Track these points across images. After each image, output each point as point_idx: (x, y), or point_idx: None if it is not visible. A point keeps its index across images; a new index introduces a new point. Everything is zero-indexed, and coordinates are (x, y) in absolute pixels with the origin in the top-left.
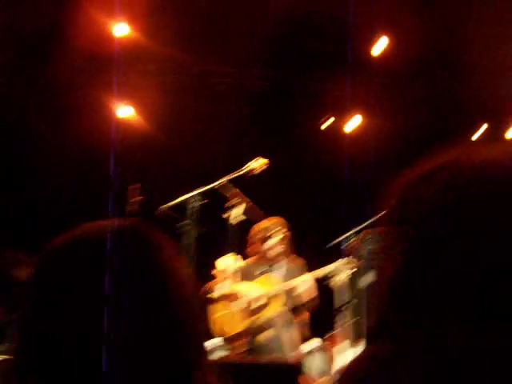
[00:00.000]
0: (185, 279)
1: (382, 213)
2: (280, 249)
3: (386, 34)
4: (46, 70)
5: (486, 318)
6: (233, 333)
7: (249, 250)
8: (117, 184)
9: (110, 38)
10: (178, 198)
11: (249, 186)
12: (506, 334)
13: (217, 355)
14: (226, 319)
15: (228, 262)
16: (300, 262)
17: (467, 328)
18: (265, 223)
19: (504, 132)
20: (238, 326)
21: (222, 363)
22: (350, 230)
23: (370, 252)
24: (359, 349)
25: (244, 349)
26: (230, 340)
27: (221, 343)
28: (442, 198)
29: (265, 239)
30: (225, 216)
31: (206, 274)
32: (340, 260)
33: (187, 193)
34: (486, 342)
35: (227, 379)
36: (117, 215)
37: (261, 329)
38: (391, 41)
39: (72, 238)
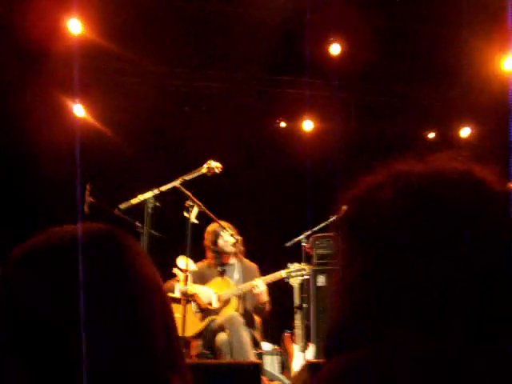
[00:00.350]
0: (159, 282)
1: (334, 218)
2: (232, 249)
3: (340, 40)
4: None
5: (485, 320)
6: (189, 334)
7: (208, 254)
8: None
9: (65, 36)
10: (132, 199)
11: (202, 189)
12: (505, 336)
13: None
14: (183, 320)
15: (188, 261)
16: (253, 266)
17: (467, 330)
18: (213, 225)
19: (455, 134)
20: (194, 327)
21: None
22: (306, 230)
23: (320, 256)
24: (310, 351)
25: (199, 351)
26: (185, 342)
27: None
28: (408, 205)
29: (216, 238)
30: (184, 214)
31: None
32: (292, 264)
33: (141, 194)
34: (485, 344)
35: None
36: (71, 213)
37: (216, 331)
38: (346, 47)
39: (42, 242)
